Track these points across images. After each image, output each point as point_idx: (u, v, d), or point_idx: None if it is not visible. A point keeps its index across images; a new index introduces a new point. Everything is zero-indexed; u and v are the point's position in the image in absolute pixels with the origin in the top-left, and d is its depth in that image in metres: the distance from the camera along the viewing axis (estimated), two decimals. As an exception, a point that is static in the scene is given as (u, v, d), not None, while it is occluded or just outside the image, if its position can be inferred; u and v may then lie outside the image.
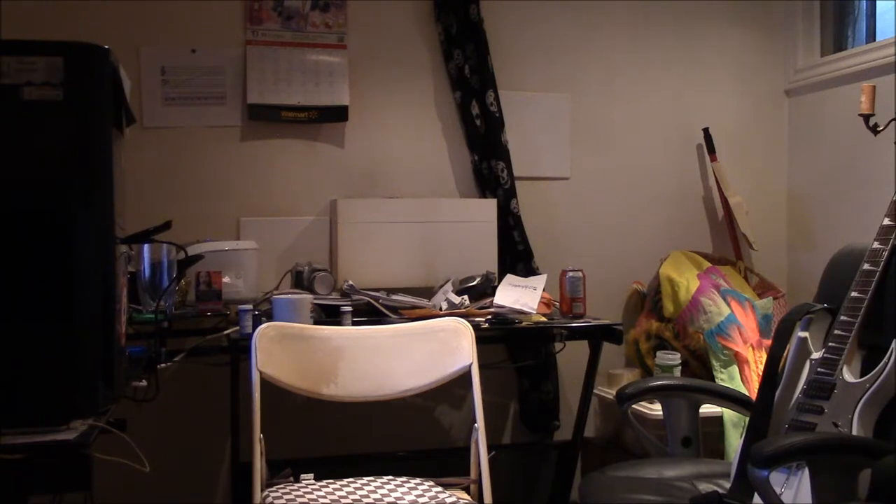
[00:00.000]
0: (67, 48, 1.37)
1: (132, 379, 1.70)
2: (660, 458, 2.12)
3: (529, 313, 2.57)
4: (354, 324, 2.38)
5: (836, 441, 1.66)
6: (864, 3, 3.22)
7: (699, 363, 2.88)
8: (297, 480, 2.10)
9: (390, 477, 2.10)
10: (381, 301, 2.53)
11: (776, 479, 1.63)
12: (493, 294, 2.65)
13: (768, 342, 2.62)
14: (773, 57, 3.40)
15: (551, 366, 3.03)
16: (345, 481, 2.08)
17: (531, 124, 3.12)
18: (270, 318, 2.32)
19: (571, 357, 2.96)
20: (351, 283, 2.57)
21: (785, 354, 1.89)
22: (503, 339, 2.96)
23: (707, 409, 2.22)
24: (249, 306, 2.38)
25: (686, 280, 2.95)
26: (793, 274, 3.37)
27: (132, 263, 2.07)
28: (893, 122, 2.54)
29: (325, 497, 1.96)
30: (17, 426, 1.31)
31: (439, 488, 2.05)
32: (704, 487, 1.88)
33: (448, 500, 1.97)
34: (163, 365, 1.98)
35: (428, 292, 2.68)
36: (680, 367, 2.79)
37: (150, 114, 2.76)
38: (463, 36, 2.98)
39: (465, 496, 2.06)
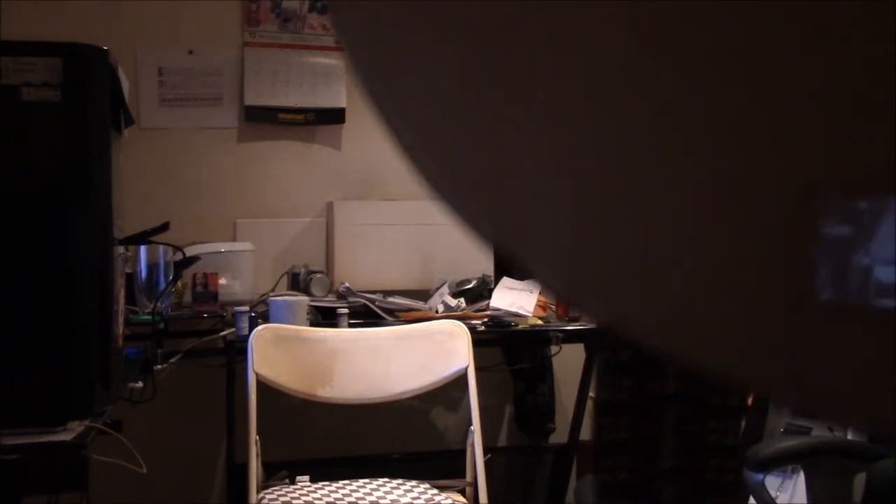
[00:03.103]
0: (66, 49, 1.37)
1: (129, 380, 1.70)
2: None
3: (526, 316, 2.57)
4: (351, 326, 2.38)
5: (832, 445, 1.66)
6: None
7: (695, 367, 2.88)
8: (293, 482, 2.10)
9: (386, 479, 2.10)
10: (377, 303, 2.53)
11: (771, 482, 1.64)
12: (489, 297, 2.65)
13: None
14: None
15: (547, 369, 3.03)
16: (340, 483, 2.07)
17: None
18: (267, 319, 2.31)
19: (567, 360, 2.96)
20: (347, 285, 2.57)
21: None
22: (499, 341, 2.96)
23: (702, 412, 2.23)
24: (246, 308, 2.37)
25: (682, 284, 2.96)
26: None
27: (129, 264, 2.07)
28: None
29: (320, 499, 1.96)
30: (13, 427, 1.30)
31: (435, 491, 2.05)
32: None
33: (444, 503, 1.97)
34: (159, 366, 1.98)
35: (424, 295, 2.68)
36: (675, 371, 2.79)
37: (147, 115, 2.75)
38: (460, 39, 2.97)
39: (461, 499, 2.07)
